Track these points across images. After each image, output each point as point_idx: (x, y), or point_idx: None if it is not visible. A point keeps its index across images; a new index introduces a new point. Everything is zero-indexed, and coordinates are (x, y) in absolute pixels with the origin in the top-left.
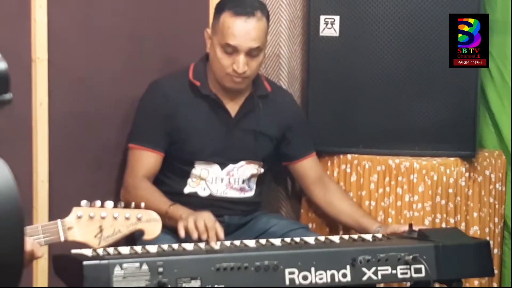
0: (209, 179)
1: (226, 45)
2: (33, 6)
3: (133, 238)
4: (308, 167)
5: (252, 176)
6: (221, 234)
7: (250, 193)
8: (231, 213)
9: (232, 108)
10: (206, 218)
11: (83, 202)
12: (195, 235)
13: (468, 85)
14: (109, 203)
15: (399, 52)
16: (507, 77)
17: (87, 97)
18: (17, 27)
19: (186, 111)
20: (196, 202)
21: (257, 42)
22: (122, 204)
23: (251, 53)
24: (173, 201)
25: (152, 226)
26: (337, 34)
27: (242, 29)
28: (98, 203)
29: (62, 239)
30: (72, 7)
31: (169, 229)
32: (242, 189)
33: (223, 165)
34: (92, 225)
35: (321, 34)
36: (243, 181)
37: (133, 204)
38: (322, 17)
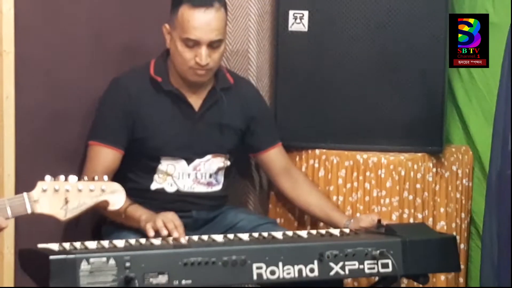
0: (176, 174)
1: (187, 39)
2: None
3: (100, 233)
4: (273, 158)
5: (219, 169)
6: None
7: (218, 187)
8: (198, 208)
9: (195, 102)
10: (172, 217)
11: (47, 177)
12: (165, 232)
13: (435, 81)
14: (73, 177)
15: (368, 47)
16: (474, 73)
17: (54, 91)
18: None
19: (149, 107)
20: (163, 198)
21: (217, 34)
22: (86, 178)
23: (213, 45)
24: (139, 197)
25: (116, 197)
26: (306, 29)
27: (202, 21)
28: (62, 177)
29: (29, 211)
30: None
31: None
32: (209, 184)
33: (189, 160)
34: (57, 198)
35: (290, 29)
36: (210, 175)
37: (96, 177)
38: (291, 12)
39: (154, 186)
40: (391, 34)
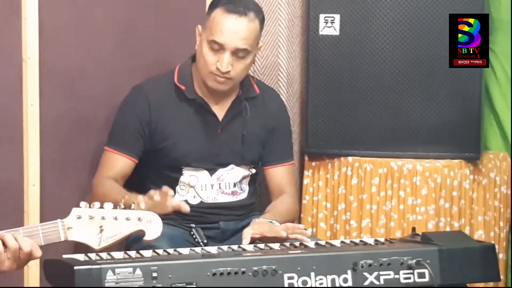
0: (198, 186)
1: (213, 41)
2: (24, 5)
3: (127, 245)
4: (274, 175)
5: (243, 178)
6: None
7: (243, 195)
8: (225, 219)
9: (219, 111)
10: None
11: (82, 203)
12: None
13: (472, 85)
14: (109, 205)
15: (401, 51)
16: None
17: (79, 98)
18: (7, 26)
19: (171, 116)
20: None
21: (244, 43)
22: (122, 205)
23: (238, 54)
24: None
25: (153, 227)
26: (337, 33)
27: (231, 27)
28: (97, 204)
29: (62, 238)
30: (64, 6)
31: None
32: (234, 193)
33: (212, 171)
34: (92, 226)
35: (320, 33)
36: (234, 184)
37: (133, 205)
38: (321, 16)
39: (177, 198)
40: (425, 37)
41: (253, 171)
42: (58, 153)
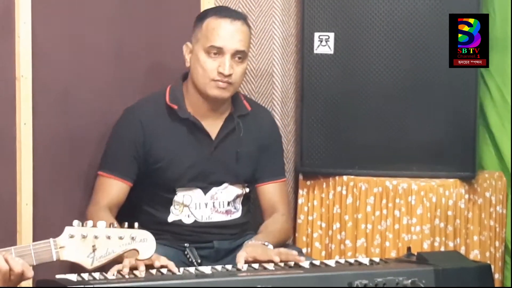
0: (192, 205)
1: (211, 47)
2: (17, 22)
3: None
4: (265, 192)
5: (237, 196)
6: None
7: (237, 214)
8: (219, 238)
9: (212, 129)
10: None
11: (75, 222)
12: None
13: (467, 104)
14: (102, 223)
15: (395, 70)
16: (507, 96)
17: (72, 117)
18: (0, 44)
19: (163, 137)
20: (181, 230)
21: (242, 45)
22: (115, 224)
23: (236, 56)
24: (157, 230)
25: (147, 246)
26: (331, 52)
27: (228, 30)
28: (90, 223)
29: (54, 258)
30: (57, 24)
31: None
32: (228, 212)
33: (206, 189)
34: (85, 245)
35: (315, 51)
36: (228, 203)
37: (126, 223)
38: (316, 34)
39: (171, 218)
40: (419, 57)
41: (247, 190)
42: (51, 172)
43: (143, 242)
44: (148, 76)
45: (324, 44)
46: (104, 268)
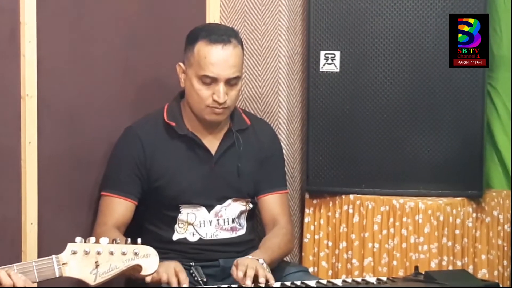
0: (197, 223)
1: (204, 76)
2: (22, 42)
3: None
4: (266, 204)
5: (241, 213)
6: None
7: (242, 231)
8: (225, 256)
9: (212, 145)
10: (176, 265)
11: (78, 239)
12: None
13: (474, 122)
14: (104, 239)
15: (402, 88)
16: None
17: (77, 136)
18: (6, 63)
19: (164, 154)
20: (186, 249)
21: (235, 71)
22: (118, 240)
23: (230, 82)
24: (161, 249)
25: (150, 261)
26: (337, 70)
27: (220, 58)
28: (92, 239)
29: (57, 274)
30: (62, 43)
31: None
32: (233, 229)
33: (210, 207)
34: (87, 261)
35: (321, 69)
36: (233, 220)
37: (129, 239)
38: (322, 53)
39: (175, 236)
40: (426, 75)
41: (250, 205)
42: (56, 191)
43: (146, 258)
44: (154, 95)
45: (330, 62)
46: (107, 284)
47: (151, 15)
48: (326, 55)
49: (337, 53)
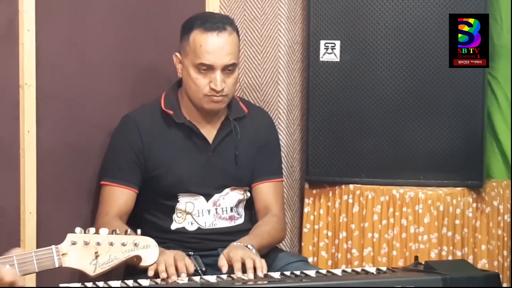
0: (195, 212)
1: (200, 64)
2: (21, 30)
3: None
4: (259, 192)
5: (239, 202)
6: (191, 268)
7: (240, 220)
8: (224, 245)
9: (209, 134)
10: (176, 259)
11: (77, 229)
12: (164, 275)
13: (474, 112)
14: (104, 230)
15: (402, 77)
16: None
17: (76, 125)
18: (4, 52)
19: (161, 143)
20: (184, 238)
21: (231, 58)
22: (117, 230)
23: (227, 69)
24: (160, 239)
25: (150, 252)
26: (337, 59)
27: (215, 45)
28: (92, 229)
29: (57, 265)
30: (61, 31)
31: None
32: (231, 218)
33: (208, 196)
34: (87, 252)
35: (321, 59)
36: (231, 209)
37: (128, 230)
38: (322, 42)
39: (174, 226)
40: (427, 64)
41: (248, 194)
42: (55, 180)
43: (146, 248)
44: (153, 85)
45: (330, 51)
46: (107, 275)
47: (151, 3)
48: (326, 45)
49: (337, 43)
